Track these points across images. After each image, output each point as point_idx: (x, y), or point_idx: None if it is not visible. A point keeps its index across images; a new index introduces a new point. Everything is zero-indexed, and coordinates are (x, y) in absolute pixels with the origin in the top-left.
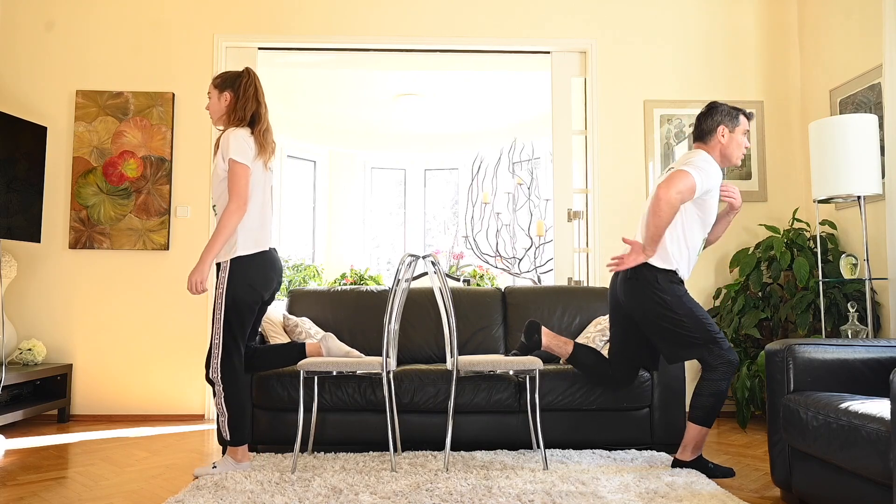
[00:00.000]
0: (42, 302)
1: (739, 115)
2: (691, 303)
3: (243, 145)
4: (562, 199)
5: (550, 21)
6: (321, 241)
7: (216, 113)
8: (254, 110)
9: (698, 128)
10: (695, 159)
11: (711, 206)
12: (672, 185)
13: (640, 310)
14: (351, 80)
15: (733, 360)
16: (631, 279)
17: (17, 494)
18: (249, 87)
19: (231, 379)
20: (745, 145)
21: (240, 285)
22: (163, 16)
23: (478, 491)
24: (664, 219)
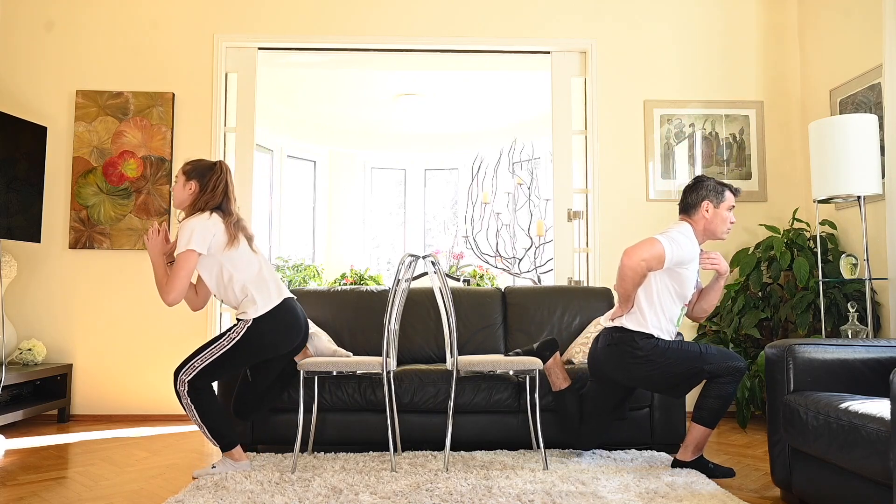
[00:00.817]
0: (42, 302)
1: (725, 190)
2: (666, 344)
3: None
4: (562, 199)
5: (550, 21)
6: (321, 241)
7: (179, 200)
8: (218, 204)
9: (684, 200)
10: (672, 230)
11: (686, 278)
12: (637, 252)
13: (625, 372)
14: (351, 80)
15: (738, 366)
16: (610, 345)
17: (17, 494)
18: (220, 184)
19: (196, 397)
20: (731, 220)
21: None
22: (163, 16)
23: (478, 491)
24: (628, 283)
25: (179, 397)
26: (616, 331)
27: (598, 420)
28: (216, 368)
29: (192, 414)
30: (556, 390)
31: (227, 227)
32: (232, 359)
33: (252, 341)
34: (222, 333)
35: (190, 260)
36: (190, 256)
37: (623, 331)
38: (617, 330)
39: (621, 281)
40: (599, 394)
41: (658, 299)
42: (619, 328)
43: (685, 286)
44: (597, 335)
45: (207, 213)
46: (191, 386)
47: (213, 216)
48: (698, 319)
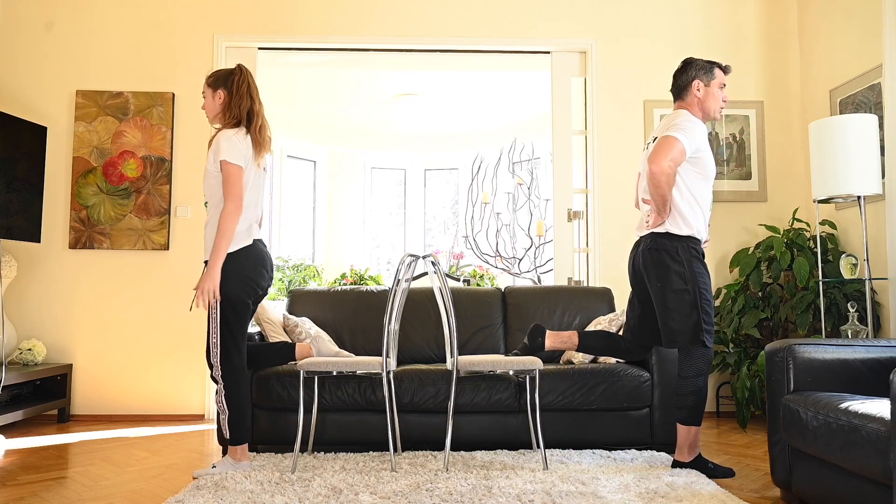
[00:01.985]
0: (42, 302)
1: (714, 67)
2: (704, 286)
3: (236, 146)
4: (562, 199)
5: (550, 21)
6: (321, 241)
7: (212, 112)
8: (248, 107)
9: (675, 84)
10: (677, 121)
11: (707, 160)
12: (662, 155)
13: (656, 277)
14: (351, 80)
15: (711, 357)
16: (652, 249)
17: (17, 494)
18: (242, 84)
19: (233, 378)
20: (723, 98)
21: (233, 282)
22: (163, 16)
23: (478, 491)
24: (665, 188)
25: (216, 381)
26: (660, 236)
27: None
28: (229, 330)
29: (221, 397)
30: (575, 349)
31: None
32: (230, 306)
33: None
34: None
35: (234, 170)
36: (229, 167)
37: (666, 236)
38: (661, 235)
39: (657, 188)
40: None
41: (688, 190)
42: (662, 234)
43: (707, 167)
44: (636, 242)
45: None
46: (225, 366)
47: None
48: None
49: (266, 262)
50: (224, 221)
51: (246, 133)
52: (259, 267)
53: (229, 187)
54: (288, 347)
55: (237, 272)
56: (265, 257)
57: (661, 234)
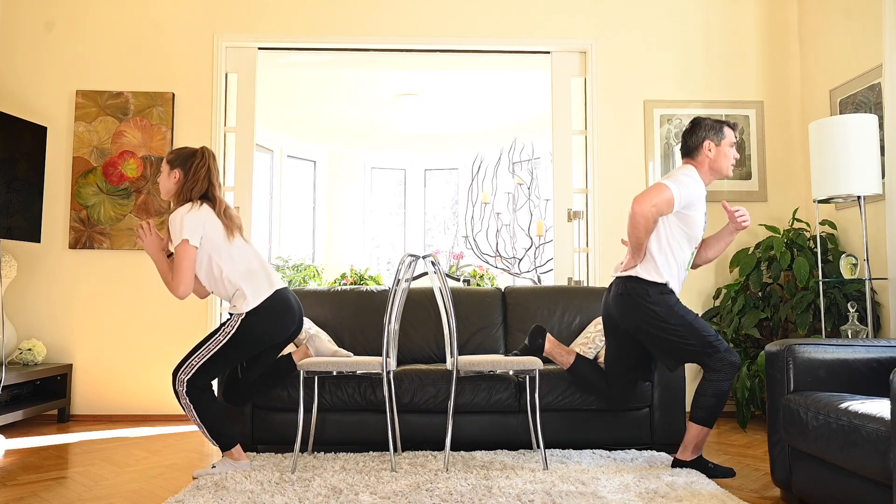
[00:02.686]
0: (42, 302)
1: (724, 127)
2: (683, 311)
3: (188, 223)
4: (562, 199)
5: (550, 21)
6: (321, 241)
7: (165, 189)
8: (204, 191)
9: (685, 145)
10: (678, 172)
11: (695, 220)
12: (647, 198)
13: (633, 323)
14: (351, 80)
15: (735, 361)
16: (622, 294)
17: (17, 494)
18: (201, 169)
19: (195, 396)
20: (734, 156)
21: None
22: (163, 16)
23: (478, 491)
24: (641, 231)
25: (178, 397)
26: (629, 280)
27: (620, 381)
28: (213, 365)
29: (190, 413)
30: (568, 368)
31: (220, 218)
32: (228, 354)
33: (246, 334)
34: (216, 329)
35: (188, 251)
36: (186, 247)
37: (636, 280)
38: (630, 280)
39: (634, 229)
40: (616, 353)
41: (668, 244)
42: (632, 277)
43: (695, 228)
44: (609, 284)
45: (196, 204)
46: (189, 385)
47: (203, 207)
48: (698, 266)
49: (292, 311)
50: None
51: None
52: (284, 318)
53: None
54: (286, 360)
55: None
56: (290, 306)
57: (632, 277)
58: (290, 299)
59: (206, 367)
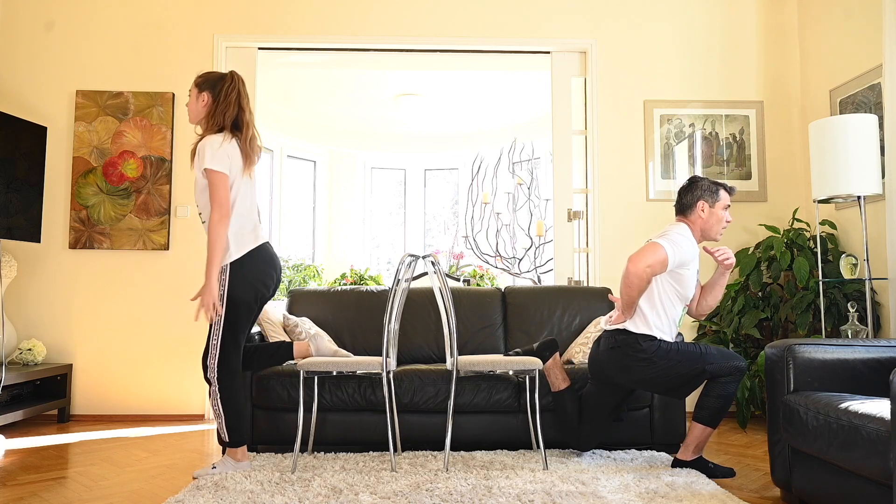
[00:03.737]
0: (42, 302)
1: (720, 189)
2: (673, 347)
3: (219, 153)
4: (562, 199)
5: (550, 21)
6: (321, 241)
7: (194, 113)
8: (235, 116)
9: (679, 201)
10: (670, 231)
11: (687, 279)
12: (642, 259)
13: (628, 374)
14: (351, 80)
15: (739, 365)
16: (613, 348)
17: (17, 494)
18: (231, 93)
19: (228, 381)
20: (727, 220)
21: (239, 286)
22: (163, 16)
23: (478, 491)
24: (634, 291)
25: (210, 384)
26: (619, 333)
27: (596, 421)
28: (231, 334)
29: (215, 403)
30: (556, 391)
31: (242, 148)
32: (235, 311)
33: (236, 286)
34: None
35: (218, 178)
36: (213, 175)
37: (626, 333)
38: (620, 332)
39: (627, 289)
40: (598, 395)
41: (660, 301)
42: (622, 331)
43: (686, 286)
44: (597, 338)
45: (228, 136)
46: (221, 369)
47: (232, 141)
48: (701, 316)
49: (274, 264)
50: (212, 231)
51: (227, 138)
52: (267, 268)
53: (214, 194)
54: (286, 346)
55: (244, 277)
56: (273, 259)
57: (621, 330)
58: (271, 253)
59: (227, 338)
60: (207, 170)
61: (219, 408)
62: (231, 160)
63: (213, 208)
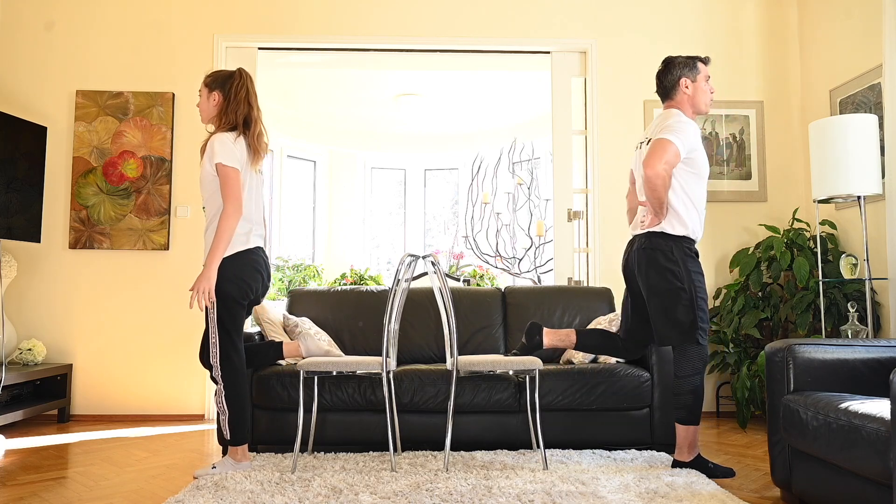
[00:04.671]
0: (42, 302)
1: (696, 62)
2: (699, 284)
3: (230, 149)
4: (562, 199)
5: (550, 21)
6: (321, 241)
7: (206, 113)
8: (245, 114)
9: (660, 86)
10: (669, 122)
11: (700, 160)
12: (657, 159)
13: (649, 277)
14: (351, 80)
15: (706, 357)
16: (647, 248)
17: (17, 494)
18: (241, 90)
19: (232, 377)
20: (711, 90)
21: (228, 281)
22: (163, 16)
23: (478, 491)
24: (661, 191)
25: (216, 382)
26: (654, 235)
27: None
28: (226, 328)
29: (220, 399)
30: (573, 347)
31: (249, 143)
32: (224, 306)
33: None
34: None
35: (231, 173)
36: (226, 170)
37: (661, 236)
38: (655, 235)
39: (653, 191)
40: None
41: (684, 192)
42: (656, 233)
43: (701, 166)
44: (631, 240)
45: (234, 134)
46: (224, 362)
47: (239, 139)
48: None
49: (262, 268)
50: (223, 223)
51: (238, 137)
52: (254, 272)
53: (227, 190)
54: (275, 346)
55: (232, 273)
56: (263, 263)
57: (657, 233)
58: (261, 259)
59: (223, 333)
60: (220, 165)
61: (223, 404)
62: (241, 159)
63: (226, 202)
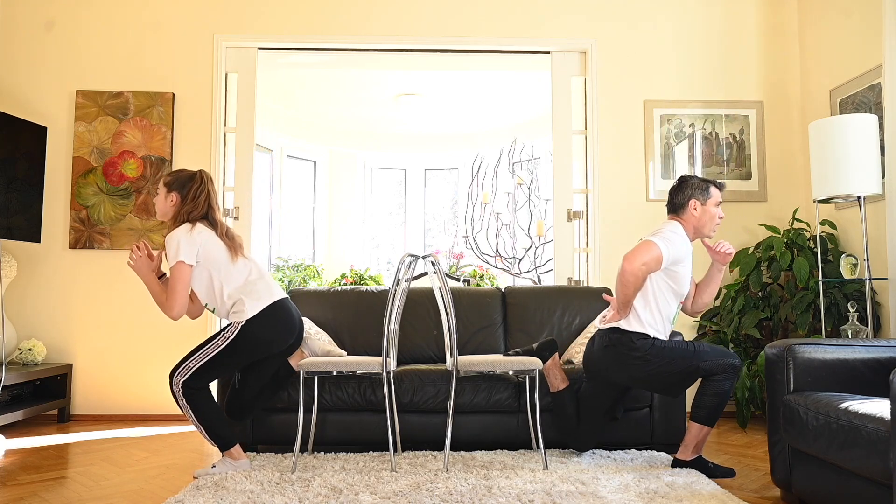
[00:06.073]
0: (42, 302)
1: (710, 186)
2: (666, 345)
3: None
4: (562, 199)
5: (550, 21)
6: (321, 241)
7: (161, 212)
8: (203, 214)
9: (671, 201)
10: (664, 229)
11: (682, 276)
12: (637, 257)
13: (623, 373)
14: (351, 80)
15: (733, 363)
16: (608, 347)
17: (17, 494)
18: (200, 194)
19: (192, 398)
20: (719, 216)
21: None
22: (163, 16)
23: (478, 491)
24: (630, 289)
25: (175, 398)
26: (613, 332)
27: (593, 421)
28: (211, 369)
29: (188, 414)
30: (554, 391)
31: (222, 240)
32: (226, 359)
33: (246, 341)
34: (216, 334)
35: (183, 272)
36: (182, 268)
37: (620, 332)
38: (614, 331)
39: (623, 287)
40: (594, 395)
41: (654, 299)
42: (616, 329)
43: (681, 283)
44: (592, 337)
45: (191, 225)
46: (186, 387)
47: (198, 226)
48: (697, 314)
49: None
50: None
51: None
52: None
53: (171, 285)
54: (284, 366)
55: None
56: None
57: (616, 328)
58: (290, 309)
59: (203, 370)
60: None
61: (194, 420)
62: (204, 244)
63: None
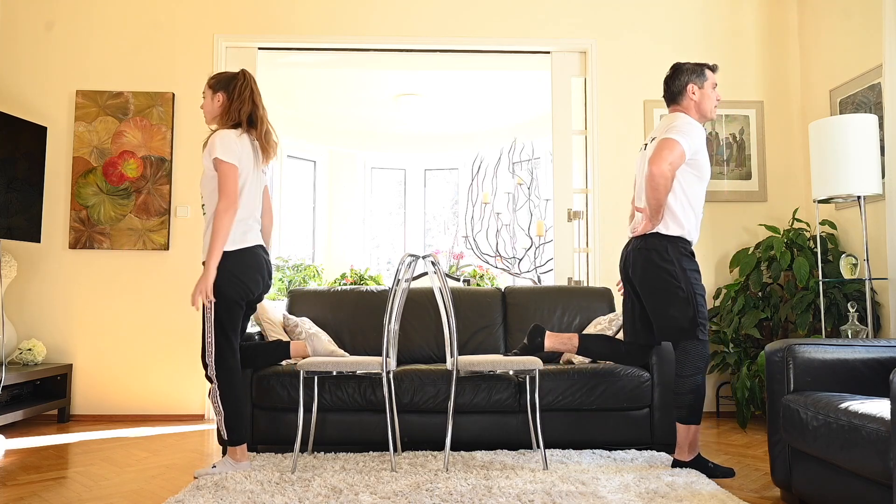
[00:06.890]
0: (42, 302)
1: (704, 69)
2: (695, 281)
3: (230, 145)
4: (562, 199)
5: (550, 21)
6: (321, 241)
7: (210, 113)
8: (249, 112)
9: (668, 91)
10: (676, 123)
11: (703, 163)
12: (662, 158)
13: (644, 278)
14: (351, 80)
15: (707, 354)
16: (642, 248)
17: (17, 494)
18: (245, 90)
19: (227, 378)
20: (717, 97)
21: (226, 280)
22: (163, 16)
23: (478, 491)
24: (662, 191)
25: (210, 382)
26: (650, 236)
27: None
28: (223, 325)
29: (215, 400)
30: (575, 351)
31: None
32: (222, 305)
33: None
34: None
35: (227, 169)
36: (223, 166)
37: (656, 236)
38: (650, 236)
39: (654, 192)
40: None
41: (683, 193)
42: (652, 234)
43: (703, 169)
44: (627, 242)
45: (239, 132)
46: (219, 367)
47: (244, 136)
48: None
49: (262, 269)
50: (217, 220)
51: (241, 134)
52: (254, 272)
53: (223, 185)
54: (283, 346)
55: (230, 272)
56: (262, 264)
57: (652, 234)
58: (261, 258)
59: (219, 335)
60: (217, 160)
61: (218, 405)
62: (241, 155)
63: (220, 197)
